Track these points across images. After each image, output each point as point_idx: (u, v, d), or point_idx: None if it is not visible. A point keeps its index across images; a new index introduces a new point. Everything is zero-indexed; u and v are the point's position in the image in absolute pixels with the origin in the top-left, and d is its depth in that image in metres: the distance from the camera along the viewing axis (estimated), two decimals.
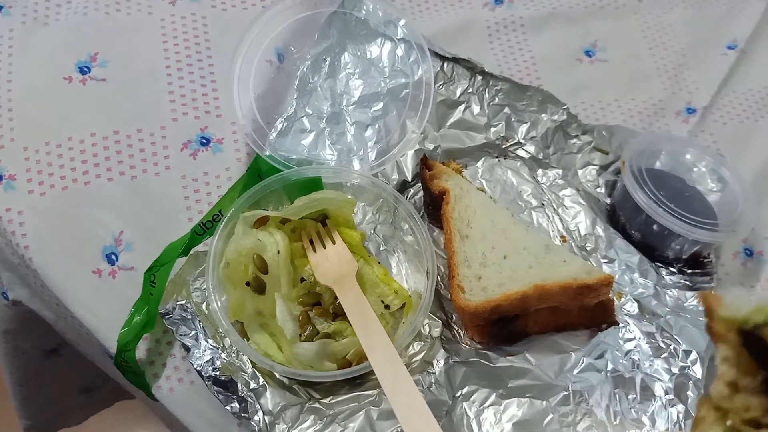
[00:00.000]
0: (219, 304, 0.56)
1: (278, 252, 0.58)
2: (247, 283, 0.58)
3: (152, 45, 0.72)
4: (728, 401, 0.24)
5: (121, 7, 0.74)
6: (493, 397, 0.57)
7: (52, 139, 0.65)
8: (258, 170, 0.63)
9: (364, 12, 0.72)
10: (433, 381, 0.58)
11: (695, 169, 0.72)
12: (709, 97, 0.82)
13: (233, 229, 0.59)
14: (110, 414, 1.03)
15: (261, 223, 0.60)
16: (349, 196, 0.63)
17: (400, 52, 0.71)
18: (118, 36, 0.72)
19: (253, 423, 0.54)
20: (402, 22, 0.70)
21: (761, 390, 0.23)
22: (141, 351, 0.60)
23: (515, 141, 0.74)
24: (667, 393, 0.58)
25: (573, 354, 0.60)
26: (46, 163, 0.64)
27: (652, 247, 0.67)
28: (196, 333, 0.57)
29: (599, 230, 0.69)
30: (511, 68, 0.80)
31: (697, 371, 0.59)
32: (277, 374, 0.57)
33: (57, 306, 0.63)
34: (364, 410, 0.55)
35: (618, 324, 0.62)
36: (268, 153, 0.64)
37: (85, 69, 0.70)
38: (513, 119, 0.75)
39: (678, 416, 0.57)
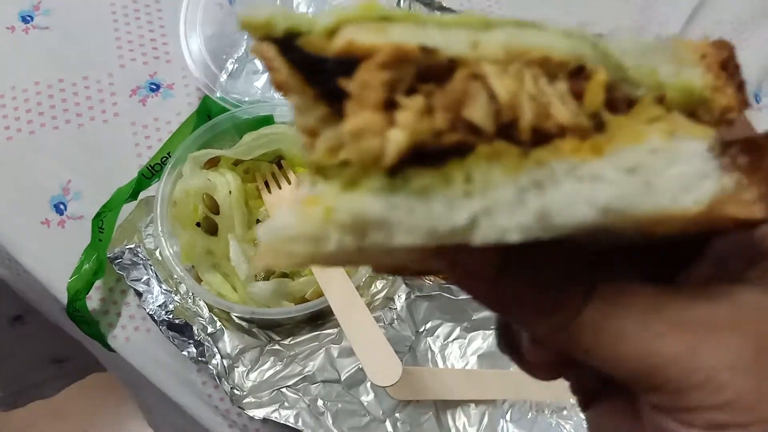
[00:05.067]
0: (172, 250, 0.54)
1: (230, 192, 0.56)
2: (198, 224, 0.56)
3: None
4: (318, 153, 0.17)
5: None
6: (457, 331, 0.56)
7: None
8: (208, 112, 0.61)
9: None
10: (395, 317, 0.56)
11: None
12: (678, 29, 0.80)
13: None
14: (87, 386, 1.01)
15: (212, 163, 0.58)
16: None
17: None
18: None
19: (210, 367, 0.53)
20: None
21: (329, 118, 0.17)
22: (95, 301, 0.58)
23: None
24: None
25: None
26: None
27: None
28: (148, 278, 0.56)
29: None
30: (471, 0, 0.78)
31: None
32: (234, 317, 0.55)
33: (9, 262, 0.61)
34: (324, 348, 0.54)
35: None
36: (219, 95, 0.62)
37: (28, 18, 0.67)
38: None
39: None
